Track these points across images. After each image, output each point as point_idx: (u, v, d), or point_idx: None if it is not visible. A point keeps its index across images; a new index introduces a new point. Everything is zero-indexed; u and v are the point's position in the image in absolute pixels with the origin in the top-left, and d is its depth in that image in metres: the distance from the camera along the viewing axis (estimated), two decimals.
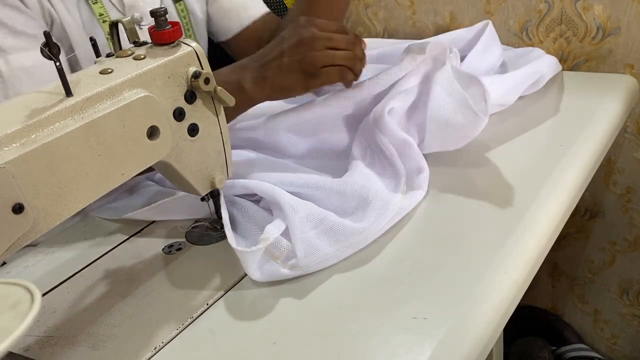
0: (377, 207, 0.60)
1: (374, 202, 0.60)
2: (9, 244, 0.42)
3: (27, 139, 0.42)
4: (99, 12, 0.77)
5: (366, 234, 0.59)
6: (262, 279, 0.57)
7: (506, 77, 0.80)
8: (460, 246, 0.58)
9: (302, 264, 0.56)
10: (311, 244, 0.57)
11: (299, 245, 0.56)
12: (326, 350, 0.49)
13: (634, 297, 1.11)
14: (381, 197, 0.61)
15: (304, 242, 0.57)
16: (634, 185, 1.00)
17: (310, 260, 0.57)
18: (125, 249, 0.68)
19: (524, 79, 0.82)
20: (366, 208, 0.60)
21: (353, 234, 0.58)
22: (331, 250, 0.57)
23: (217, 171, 0.60)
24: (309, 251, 0.57)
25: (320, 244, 0.57)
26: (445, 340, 0.48)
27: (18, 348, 0.54)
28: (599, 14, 0.91)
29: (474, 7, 1.03)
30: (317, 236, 0.58)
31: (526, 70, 0.82)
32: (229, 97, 0.56)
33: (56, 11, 0.74)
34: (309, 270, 0.57)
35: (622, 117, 0.82)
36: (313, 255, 0.57)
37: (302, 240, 0.57)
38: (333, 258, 0.58)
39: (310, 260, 0.57)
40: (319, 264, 0.57)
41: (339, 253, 0.58)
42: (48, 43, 0.44)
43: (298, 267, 0.57)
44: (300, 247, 0.56)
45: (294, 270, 0.57)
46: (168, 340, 0.53)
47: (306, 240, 0.57)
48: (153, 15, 0.52)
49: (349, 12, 1.20)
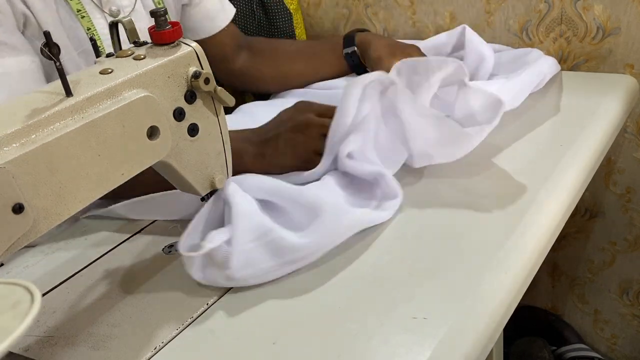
0: (327, 221, 0.58)
1: (323, 215, 0.58)
2: (9, 244, 0.42)
3: (27, 139, 0.42)
4: (76, 7, 0.76)
5: (310, 251, 0.57)
6: (204, 282, 0.57)
7: (514, 82, 0.80)
8: (460, 246, 0.58)
9: (236, 276, 0.56)
10: (248, 256, 0.56)
11: (234, 257, 0.55)
12: (326, 350, 0.49)
13: (634, 297, 1.11)
14: (333, 210, 0.59)
15: (241, 254, 0.55)
16: (634, 185, 1.00)
17: (245, 274, 0.56)
18: (125, 249, 0.68)
19: (530, 82, 0.82)
20: (315, 220, 0.58)
21: (295, 250, 0.56)
22: (271, 264, 0.56)
23: (217, 171, 0.60)
24: (244, 264, 0.55)
25: (259, 257, 0.56)
26: (445, 340, 0.48)
27: (18, 348, 0.54)
28: (599, 14, 0.91)
29: (473, 7, 1.03)
30: (257, 249, 0.56)
31: (531, 73, 0.82)
32: (229, 97, 0.56)
33: (31, 10, 0.73)
34: (245, 284, 0.57)
35: (622, 117, 0.82)
36: (248, 268, 0.56)
37: (239, 252, 0.55)
38: (272, 273, 0.57)
39: (244, 274, 0.56)
40: (255, 278, 0.56)
41: (280, 268, 0.57)
42: (48, 43, 0.43)
43: (232, 280, 0.56)
44: (235, 259, 0.55)
45: (230, 282, 0.56)
46: (168, 340, 0.53)
47: (243, 252, 0.56)
48: (153, 15, 0.52)
49: (349, 12, 1.20)
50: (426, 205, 0.65)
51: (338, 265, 0.58)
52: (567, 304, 1.21)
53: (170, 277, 0.61)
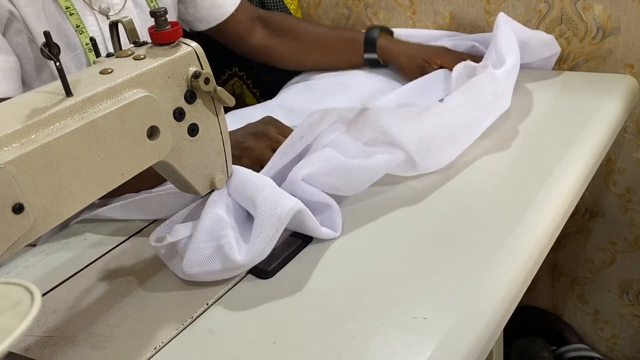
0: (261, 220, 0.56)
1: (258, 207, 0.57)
2: (9, 244, 0.42)
3: (27, 139, 0.42)
4: (65, 5, 0.76)
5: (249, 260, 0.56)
6: (171, 269, 0.60)
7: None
8: (460, 246, 0.58)
9: (187, 272, 0.57)
10: (200, 255, 0.56)
11: (188, 253, 0.56)
12: (326, 350, 0.49)
13: (634, 297, 1.11)
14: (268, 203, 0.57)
15: (194, 251, 0.56)
16: (634, 185, 1.00)
17: (195, 271, 0.56)
18: (125, 249, 0.68)
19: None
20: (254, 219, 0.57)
21: (235, 262, 0.55)
22: (218, 267, 0.56)
23: (217, 171, 0.60)
24: (196, 262, 0.56)
25: (209, 259, 0.56)
26: (445, 340, 0.48)
27: (18, 348, 0.54)
28: (599, 14, 0.91)
29: (473, 7, 1.03)
30: (211, 250, 0.57)
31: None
32: (229, 97, 0.56)
33: (15, 6, 0.72)
34: (196, 279, 0.57)
35: (622, 117, 0.82)
36: (199, 267, 0.56)
37: (194, 249, 0.56)
38: (221, 274, 0.57)
39: (195, 271, 0.56)
40: (206, 276, 0.57)
41: (227, 272, 0.57)
42: (48, 43, 0.43)
43: (185, 275, 0.57)
44: (188, 255, 0.56)
45: (184, 276, 0.57)
46: (168, 340, 0.53)
47: (197, 250, 0.56)
48: (153, 16, 0.52)
49: (349, 12, 1.20)
50: (426, 205, 0.65)
51: (338, 265, 0.58)
52: (567, 304, 1.21)
53: (170, 277, 0.61)
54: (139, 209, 0.71)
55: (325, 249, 0.61)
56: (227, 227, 0.57)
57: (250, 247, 0.56)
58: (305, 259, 0.60)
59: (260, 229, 0.56)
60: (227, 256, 0.56)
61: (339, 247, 0.61)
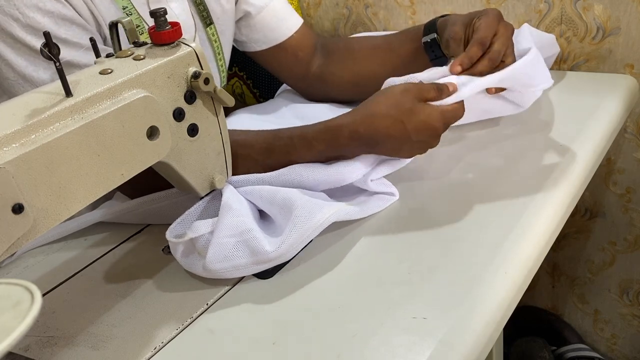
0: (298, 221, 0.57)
1: (295, 212, 0.58)
2: (9, 244, 0.42)
3: (27, 139, 0.42)
4: (122, 4, 0.73)
5: (280, 253, 0.56)
6: (185, 267, 0.59)
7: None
8: (460, 246, 0.58)
9: (211, 268, 0.57)
10: (225, 250, 0.57)
11: (211, 249, 0.56)
12: (326, 350, 0.49)
13: (634, 297, 1.11)
14: (305, 207, 0.58)
15: (219, 247, 0.57)
16: (634, 185, 1.00)
17: (220, 267, 0.56)
18: (125, 249, 0.68)
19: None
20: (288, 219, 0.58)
21: (264, 253, 0.56)
22: (244, 261, 0.57)
23: (217, 171, 0.60)
24: (220, 257, 0.56)
25: (235, 253, 0.57)
26: (445, 340, 0.48)
27: (18, 348, 0.54)
28: (599, 14, 0.91)
29: (473, 7, 1.03)
30: (235, 245, 0.57)
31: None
32: (228, 97, 0.56)
33: (98, 10, 0.71)
34: (220, 276, 0.57)
35: (622, 117, 0.82)
36: (224, 262, 0.56)
37: (217, 244, 0.57)
38: (246, 269, 0.57)
39: (219, 267, 0.56)
40: (230, 272, 0.57)
41: (254, 266, 0.57)
42: (48, 43, 0.43)
43: (208, 270, 0.57)
44: (212, 250, 0.56)
45: (206, 272, 0.57)
46: (168, 340, 0.53)
47: (221, 245, 0.57)
48: (153, 16, 0.52)
49: (349, 12, 1.20)
50: (426, 205, 0.65)
51: (338, 265, 0.58)
52: (567, 304, 1.21)
53: (170, 277, 0.61)
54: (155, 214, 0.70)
55: (325, 249, 0.61)
56: (250, 222, 0.58)
57: (283, 240, 0.56)
58: (305, 259, 0.60)
59: (294, 224, 0.57)
60: (255, 249, 0.56)
61: (339, 248, 0.61)
